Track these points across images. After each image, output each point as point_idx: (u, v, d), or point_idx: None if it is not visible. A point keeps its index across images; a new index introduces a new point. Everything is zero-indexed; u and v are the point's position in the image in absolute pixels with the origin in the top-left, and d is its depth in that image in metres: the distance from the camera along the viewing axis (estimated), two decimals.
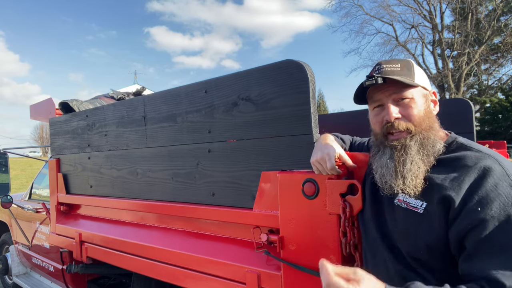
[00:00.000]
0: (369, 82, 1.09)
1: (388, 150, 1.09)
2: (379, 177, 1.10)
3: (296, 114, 1.45)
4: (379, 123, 1.13)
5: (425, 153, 1.04)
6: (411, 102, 1.08)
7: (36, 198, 3.88)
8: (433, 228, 0.97)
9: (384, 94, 1.11)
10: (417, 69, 1.15)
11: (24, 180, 16.24)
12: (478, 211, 0.90)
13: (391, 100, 1.10)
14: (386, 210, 1.10)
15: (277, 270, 1.45)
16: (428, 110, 1.11)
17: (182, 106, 1.91)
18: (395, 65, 1.11)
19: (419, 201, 1.01)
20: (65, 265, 2.94)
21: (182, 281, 1.84)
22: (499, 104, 20.31)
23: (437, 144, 1.06)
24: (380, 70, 1.11)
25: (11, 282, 4.23)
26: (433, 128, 1.09)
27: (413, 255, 1.00)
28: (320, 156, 1.25)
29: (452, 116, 2.25)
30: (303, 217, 1.35)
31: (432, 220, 0.97)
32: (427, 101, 1.12)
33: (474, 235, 0.89)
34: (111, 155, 2.42)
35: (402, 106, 1.09)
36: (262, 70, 1.57)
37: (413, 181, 1.02)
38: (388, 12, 23.72)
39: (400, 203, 1.05)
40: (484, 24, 22.06)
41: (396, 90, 1.09)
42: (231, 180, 1.69)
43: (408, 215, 1.02)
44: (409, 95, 1.09)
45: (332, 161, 1.21)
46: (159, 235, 2.06)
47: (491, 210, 0.89)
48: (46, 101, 3.39)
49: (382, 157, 1.10)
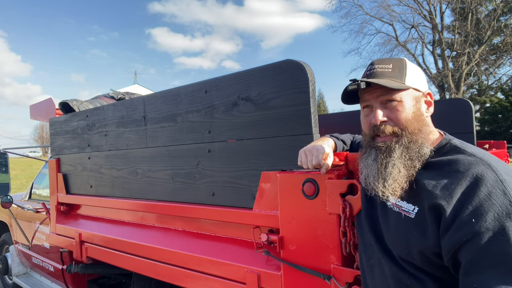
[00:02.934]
0: (351, 87, 1.09)
1: (374, 152, 1.09)
2: (364, 178, 1.10)
3: (296, 114, 1.45)
4: (367, 125, 1.12)
5: (408, 157, 1.03)
6: (399, 105, 1.07)
7: (36, 198, 3.88)
8: (424, 234, 0.95)
9: (372, 95, 1.10)
10: (411, 69, 1.12)
11: (24, 180, 16.23)
12: (472, 223, 0.86)
13: (379, 102, 1.09)
14: (380, 212, 1.10)
15: (277, 270, 1.45)
16: (418, 113, 1.09)
17: (182, 106, 1.91)
18: (387, 66, 1.10)
19: (411, 205, 1.00)
20: (65, 265, 2.94)
21: (182, 281, 1.84)
22: (499, 104, 20.32)
23: (424, 148, 1.04)
24: (371, 70, 1.11)
25: (11, 282, 4.23)
26: (421, 131, 1.07)
27: (405, 259, 0.99)
28: (309, 149, 1.26)
29: (452, 116, 2.26)
30: (303, 217, 1.35)
31: (424, 226, 0.96)
32: (418, 103, 1.10)
33: (470, 249, 0.86)
34: (111, 155, 2.42)
35: (389, 108, 1.08)
36: (262, 70, 1.57)
37: (391, 185, 1.01)
38: (388, 12, 23.75)
39: (393, 206, 1.04)
40: (484, 24, 22.07)
41: (384, 92, 1.07)
42: (231, 180, 1.69)
43: (400, 219, 1.01)
44: (397, 98, 1.07)
45: (319, 158, 1.21)
46: (159, 235, 2.06)
47: (485, 222, 0.85)
48: (46, 101, 3.39)
49: (368, 158, 1.10)
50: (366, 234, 1.12)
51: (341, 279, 1.24)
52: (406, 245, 0.98)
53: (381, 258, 1.05)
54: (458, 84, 22.61)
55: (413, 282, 0.96)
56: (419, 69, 1.17)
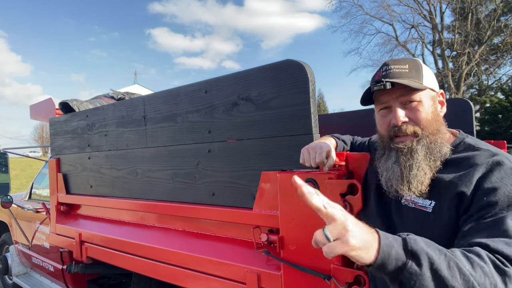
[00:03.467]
0: (377, 87, 1.07)
1: (394, 154, 1.08)
2: (385, 180, 1.09)
3: (296, 114, 1.45)
4: (385, 126, 1.11)
5: (432, 158, 1.03)
6: (419, 105, 1.07)
7: (36, 198, 3.88)
8: (443, 226, 0.97)
9: (392, 96, 1.09)
10: (426, 70, 1.12)
11: (24, 180, 16.24)
12: (484, 200, 0.92)
13: (399, 103, 1.08)
14: (394, 211, 1.10)
15: (277, 270, 1.45)
16: (436, 113, 1.09)
17: (182, 106, 1.91)
18: (403, 66, 1.09)
19: (427, 200, 1.01)
20: (65, 265, 2.94)
21: (182, 281, 1.84)
22: (499, 104, 20.29)
23: (444, 147, 1.05)
24: (388, 71, 1.10)
25: (11, 282, 4.24)
26: (440, 131, 1.07)
27: None
28: (312, 146, 1.25)
29: (452, 116, 2.24)
30: (303, 217, 1.35)
31: (442, 218, 0.97)
32: (435, 103, 1.11)
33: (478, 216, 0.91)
34: (111, 155, 2.42)
35: (409, 109, 1.08)
36: (262, 70, 1.57)
37: (418, 187, 1.01)
38: (388, 12, 23.71)
39: (408, 203, 1.05)
40: (484, 24, 22.06)
41: (404, 93, 1.07)
42: (231, 180, 1.69)
43: (417, 215, 1.02)
44: (417, 98, 1.07)
45: (323, 155, 1.21)
46: (159, 235, 2.06)
47: (495, 196, 0.91)
48: (46, 101, 3.39)
49: (388, 161, 1.09)
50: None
51: (341, 279, 1.24)
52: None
53: None
54: (458, 84, 22.61)
55: None
56: (430, 70, 1.18)
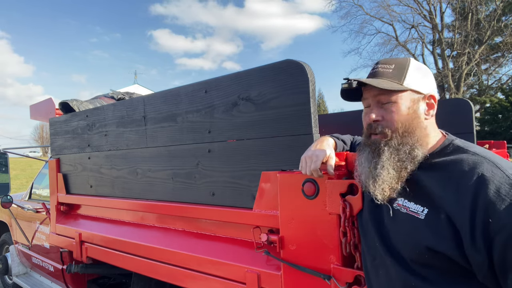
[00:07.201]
0: (344, 85, 1.12)
1: (367, 150, 1.11)
2: (358, 174, 1.13)
3: (296, 114, 1.45)
4: (365, 122, 1.14)
5: (398, 159, 1.03)
6: (393, 106, 1.07)
7: (36, 198, 3.88)
8: (437, 236, 0.94)
9: (370, 94, 1.11)
10: (414, 70, 1.10)
11: (24, 180, 16.23)
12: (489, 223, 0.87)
13: (376, 102, 1.10)
14: (385, 213, 1.09)
15: (277, 270, 1.45)
16: (414, 116, 1.07)
17: (182, 106, 1.91)
18: (389, 66, 1.10)
19: (419, 207, 1.00)
20: (65, 265, 2.94)
21: (182, 281, 1.84)
22: (499, 104, 20.30)
23: (415, 150, 1.03)
24: (375, 69, 1.12)
25: (11, 282, 4.24)
26: (414, 134, 1.06)
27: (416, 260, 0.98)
28: (309, 155, 1.27)
29: (452, 116, 2.25)
30: (303, 217, 1.35)
31: (436, 227, 0.95)
32: (415, 105, 1.08)
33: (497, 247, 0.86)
34: (111, 155, 2.42)
35: (385, 108, 1.08)
36: (262, 70, 1.57)
37: (380, 185, 1.02)
38: (388, 12, 23.71)
39: (400, 207, 1.04)
40: (484, 24, 22.05)
41: (379, 92, 1.08)
42: (231, 180, 1.69)
43: (409, 220, 1.01)
44: (392, 99, 1.07)
45: (317, 164, 1.23)
46: (159, 235, 2.06)
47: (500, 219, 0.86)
48: (46, 101, 3.39)
49: (361, 156, 1.12)
50: (370, 234, 1.12)
51: (341, 279, 1.24)
52: (417, 246, 0.97)
53: (386, 259, 1.04)
54: (458, 84, 22.60)
55: (420, 283, 0.96)
56: (426, 70, 1.14)
